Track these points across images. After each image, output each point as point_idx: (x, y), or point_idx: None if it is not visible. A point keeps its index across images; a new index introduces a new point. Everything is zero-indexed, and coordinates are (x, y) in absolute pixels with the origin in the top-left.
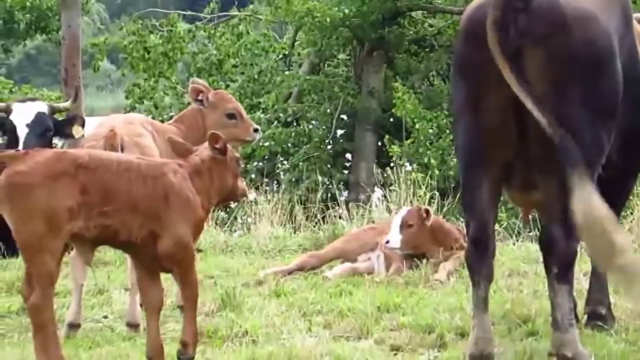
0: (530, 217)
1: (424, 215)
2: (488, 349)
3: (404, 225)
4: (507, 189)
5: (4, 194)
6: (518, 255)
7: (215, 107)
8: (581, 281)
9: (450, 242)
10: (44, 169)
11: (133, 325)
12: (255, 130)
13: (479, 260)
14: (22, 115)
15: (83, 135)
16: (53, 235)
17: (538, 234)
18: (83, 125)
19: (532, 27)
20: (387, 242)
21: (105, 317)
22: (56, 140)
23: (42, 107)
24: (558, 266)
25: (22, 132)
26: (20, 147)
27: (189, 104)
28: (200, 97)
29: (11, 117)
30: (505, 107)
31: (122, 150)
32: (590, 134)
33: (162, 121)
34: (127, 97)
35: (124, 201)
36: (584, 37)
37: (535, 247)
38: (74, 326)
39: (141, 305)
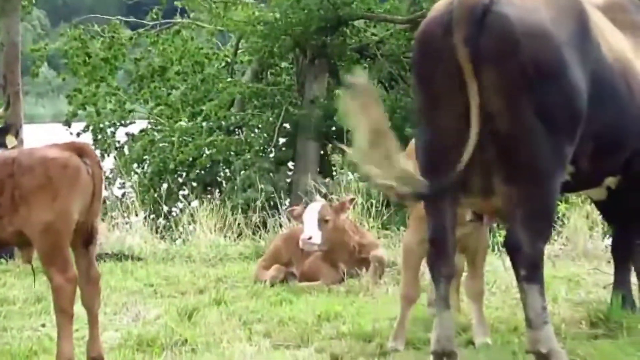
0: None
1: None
2: (449, 346)
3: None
4: (466, 195)
5: None
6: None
7: None
8: None
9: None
10: None
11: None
12: None
13: (438, 260)
14: None
15: (16, 145)
16: None
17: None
18: (17, 135)
19: (484, 45)
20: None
21: (43, 325)
22: None
23: None
24: (526, 267)
25: None
26: None
27: (130, 111)
28: None
29: None
30: (461, 115)
31: None
32: (546, 146)
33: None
34: (69, 103)
35: None
36: (533, 53)
37: None
38: None
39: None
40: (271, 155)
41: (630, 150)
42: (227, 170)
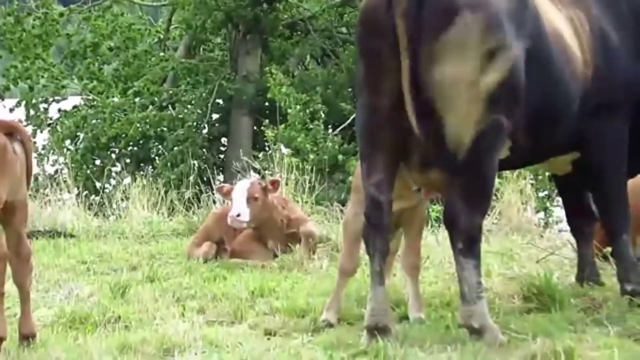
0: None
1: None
2: (383, 320)
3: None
4: (407, 169)
5: None
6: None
7: None
8: None
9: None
10: None
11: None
12: None
13: (373, 235)
14: None
15: None
16: None
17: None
18: None
19: (425, 17)
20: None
21: None
22: None
23: None
24: (463, 241)
25: None
26: None
27: (63, 87)
28: None
29: None
30: (399, 90)
31: None
32: (485, 120)
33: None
34: (3, 76)
35: None
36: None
37: None
38: None
39: None
40: (204, 131)
41: (571, 127)
42: (159, 147)
